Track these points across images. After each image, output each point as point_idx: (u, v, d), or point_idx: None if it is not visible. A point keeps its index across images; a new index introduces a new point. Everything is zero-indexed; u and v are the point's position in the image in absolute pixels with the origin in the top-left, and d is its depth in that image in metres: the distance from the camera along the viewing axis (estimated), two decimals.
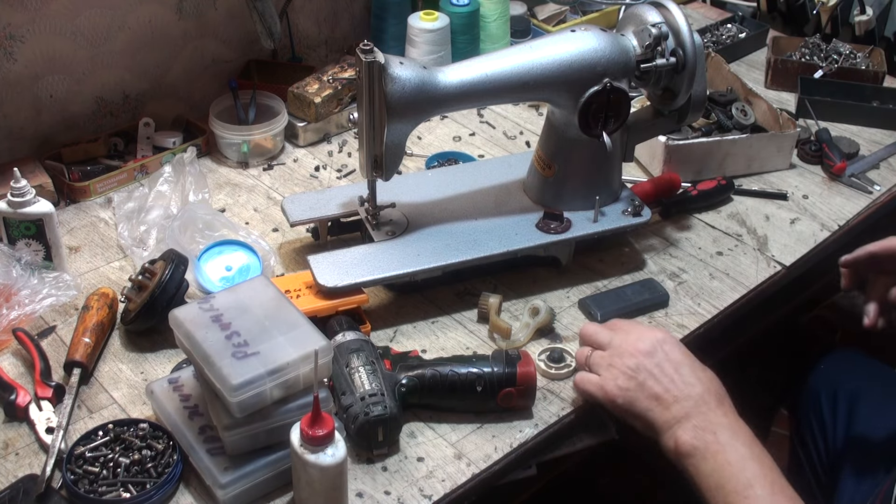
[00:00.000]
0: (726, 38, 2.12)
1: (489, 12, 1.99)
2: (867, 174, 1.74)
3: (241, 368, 1.06)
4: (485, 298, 1.38)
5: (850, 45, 2.04)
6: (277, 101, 1.77)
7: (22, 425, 1.22)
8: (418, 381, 1.21)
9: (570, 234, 1.44)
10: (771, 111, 1.76)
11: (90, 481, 1.11)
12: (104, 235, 1.55)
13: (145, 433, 1.16)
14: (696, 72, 1.41)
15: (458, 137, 1.83)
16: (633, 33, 1.42)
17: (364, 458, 1.18)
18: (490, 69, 1.35)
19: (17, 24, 1.56)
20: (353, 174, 1.71)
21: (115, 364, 1.31)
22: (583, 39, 1.37)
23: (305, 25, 1.97)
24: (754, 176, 1.72)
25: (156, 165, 1.67)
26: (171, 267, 1.32)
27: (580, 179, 1.47)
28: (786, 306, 1.64)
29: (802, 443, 1.65)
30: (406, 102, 1.31)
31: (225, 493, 1.09)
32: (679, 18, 1.39)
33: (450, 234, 1.43)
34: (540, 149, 1.50)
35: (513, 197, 1.52)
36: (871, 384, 1.61)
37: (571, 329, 1.38)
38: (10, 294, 1.35)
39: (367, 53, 1.29)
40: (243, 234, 1.47)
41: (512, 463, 1.20)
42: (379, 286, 1.41)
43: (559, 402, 1.27)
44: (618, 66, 1.38)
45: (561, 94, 1.39)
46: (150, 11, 1.71)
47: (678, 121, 1.50)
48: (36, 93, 1.63)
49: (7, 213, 1.39)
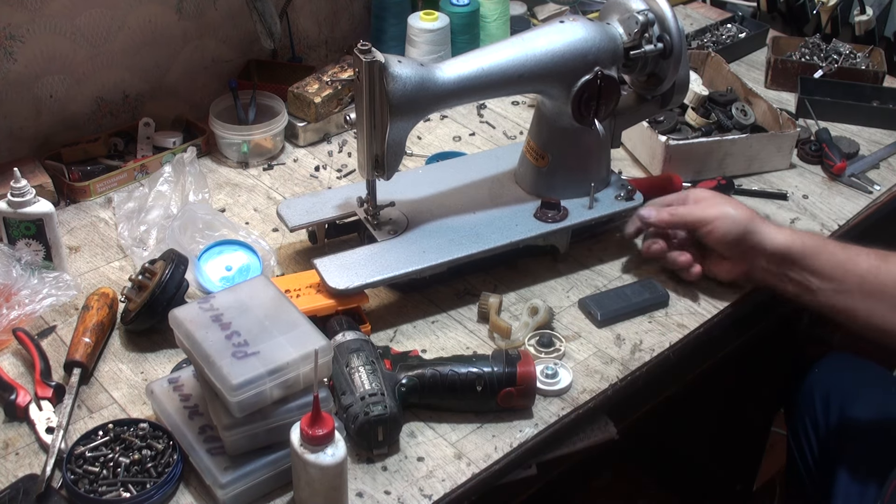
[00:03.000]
0: (726, 38, 2.12)
1: (489, 12, 1.99)
2: (867, 174, 1.74)
3: (241, 368, 1.06)
4: (485, 298, 1.38)
5: (850, 45, 2.04)
6: (277, 101, 1.77)
7: (22, 425, 1.22)
8: (418, 380, 1.21)
9: (569, 222, 1.46)
10: (771, 111, 1.76)
11: (90, 481, 1.11)
12: (104, 235, 1.55)
13: (145, 433, 1.16)
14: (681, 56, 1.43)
15: (458, 137, 1.83)
16: (618, 21, 1.44)
17: (364, 458, 1.18)
18: (486, 63, 1.37)
19: (17, 24, 1.56)
20: (352, 174, 1.71)
21: (115, 364, 1.31)
22: (573, 30, 1.39)
23: (305, 25, 1.97)
24: (754, 176, 1.73)
25: (156, 165, 1.67)
26: (171, 267, 1.32)
27: (573, 168, 1.49)
28: (786, 306, 1.63)
29: (798, 444, 1.66)
30: (407, 100, 1.32)
31: (225, 493, 1.09)
32: (663, 5, 1.42)
33: (451, 230, 1.44)
34: (532, 140, 1.51)
35: (506, 189, 1.54)
36: (864, 386, 1.62)
37: (571, 329, 1.38)
38: (10, 294, 1.35)
39: (366, 54, 1.29)
40: (243, 234, 1.47)
41: (512, 463, 1.20)
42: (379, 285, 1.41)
43: (559, 402, 1.27)
44: (607, 55, 1.40)
45: (554, 85, 1.41)
46: (150, 11, 1.71)
47: (662, 105, 1.52)
48: (36, 93, 1.63)
49: (7, 213, 1.39)
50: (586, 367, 1.32)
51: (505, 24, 2.01)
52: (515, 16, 2.06)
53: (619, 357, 1.34)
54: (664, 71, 1.45)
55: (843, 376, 1.65)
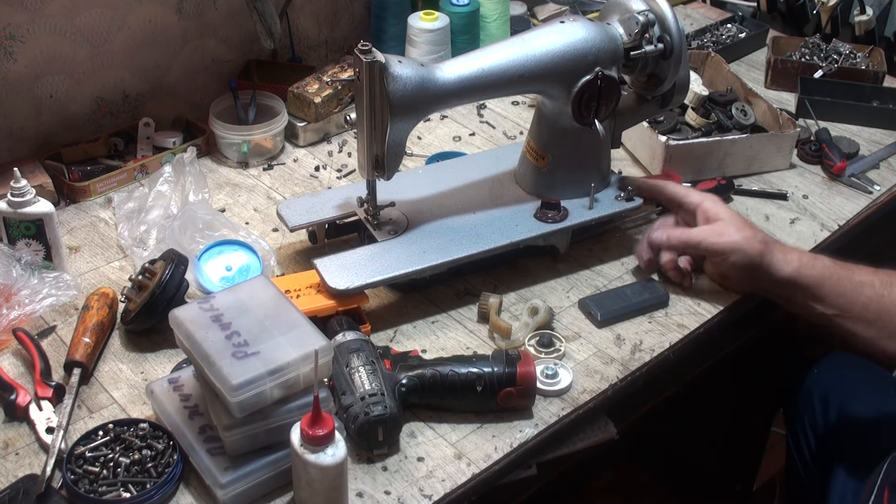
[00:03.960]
0: (726, 38, 2.12)
1: (489, 12, 1.99)
2: (867, 174, 1.74)
3: (241, 368, 1.06)
4: (485, 298, 1.38)
5: (850, 45, 2.04)
6: (277, 101, 1.77)
7: (22, 425, 1.22)
8: (418, 381, 1.21)
9: (569, 222, 1.46)
10: (771, 111, 1.76)
11: (90, 481, 1.11)
12: (104, 235, 1.55)
13: (145, 433, 1.16)
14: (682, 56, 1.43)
15: (458, 137, 1.83)
16: (618, 22, 1.44)
17: (364, 458, 1.18)
18: (486, 63, 1.37)
19: (17, 24, 1.56)
20: (352, 174, 1.71)
21: (115, 364, 1.31)
22: (573, 30, 1.40)
23: (305, 25, 1.97)
24: (754, 176, 1.72)
25: (156, 165, 1.67)
26: (171, 267, 1.32)
27: (573, 168, 1.49)
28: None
29: (797, 444, 1.66)
30: (408, 100, 1.32)
31: (225, 493, 1.09)
32: (663, 5, 1.42)
33: (451, 230, 1.44)
34: (532, 140, 1.51)
35: (506, 189, 1.54)
36: (863, 386, 1.62)
37: (571, 329, 1.38)
38: (10, 294, 1.35)
39: (366, 54, 1.29)
40: (243, 234, 1.47)
41: (512, 463, 1.20)
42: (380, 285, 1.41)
43: (559, 402, 1.27)
44: (607, 55, 1.40)
45: (554, 85, 1.41)
46: (150, 11, 1.71)
47: (662, 105, 1.52)
48: (36, 93, 1.63)
49: (7, 213, 1.39)
50: (586, 367, 1.32)
51: (505, 24, 2.02)
52: (515, 16, 2.06)
53: (619, 357, 1.34)
54: (664, 71, 1.45)
55: (842, 376, 1.66)
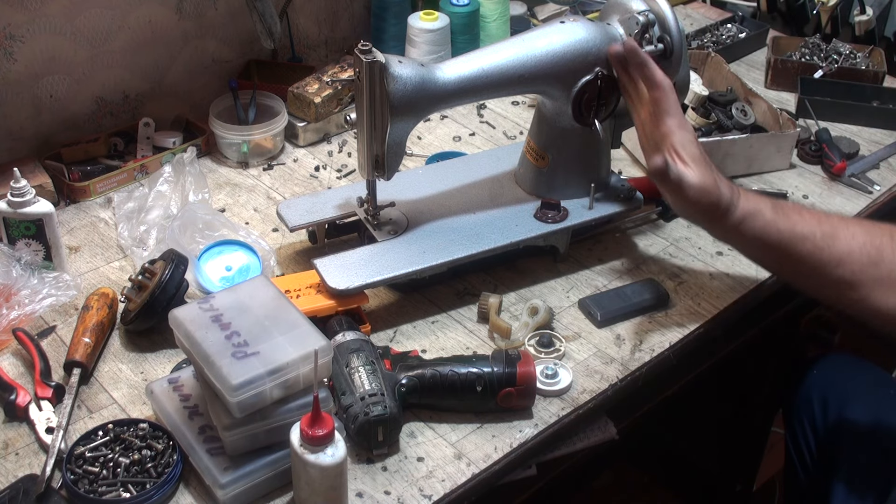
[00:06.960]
0: (726, 38, 2.12)
1: (489, 12, 1.99)
2: (867, 174, 1.74)
3: (241, 368, 1.06)
4: (485, 298, 1.38)
5: (850, 45, 2.04)
6: (277, 101, 1.77)
7: (22, 425, 1.22)
8: (418, 381, 1.21)
9: (569, 223, 1.46)
10: (771, 111, 1.76)
11: (90, 481, 1.11)
12: (104, 235, 1.55)
13: (145, 433, 1.16)
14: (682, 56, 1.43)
15: (458, 137, 1.83)
16: (619, 22, 1.44)
17: (364, 458, 1.18)
18: (486, 63, 1.37)
19: (17, 24, 1.56)
20: (352, 174, 1.71)
21: (115, 364, 1.31)
22: (573, 30, 1.40)
23: (305, 25, 1.97)
24: (754, 176, 1.72)
25: (156, 165, 1.67)
26: (171, 267, 1.32)
27: (573, 168, 1.49)
28: (785, 307, 1.64)
29: (796, 445, 1.66)
30: (408, 100, 1.32)
31: (225, 493, 1.09)
32: (663, 5, 1.42)
33: (451, 230, 1.44)
34: (532, 140, 1.51)
35: (506, 189, 1.54)
36: (862, 387, 1.62)
37: (571, 329, 1.38)
38: (10, 294, 1.35)
39: (367, 54, 1.29)
40: (243, 234, 1.47)
41: (512, 463, 1.20)
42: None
43: (559, 402, 1.27)
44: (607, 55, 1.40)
45: (554, 85, 1.41)
46: (150, 11, 1.71)
47: None
48: (36, 93, 1.63)
49: (7, 213, 1.39)
50: (586, 367, 1.32)
51: (505, 24, 2.01)
52: (515, 16, 2.06)
53: (619, 357, 1.34)
54: (665, 71, 1.44)
55: (841, 377, 1.65)
